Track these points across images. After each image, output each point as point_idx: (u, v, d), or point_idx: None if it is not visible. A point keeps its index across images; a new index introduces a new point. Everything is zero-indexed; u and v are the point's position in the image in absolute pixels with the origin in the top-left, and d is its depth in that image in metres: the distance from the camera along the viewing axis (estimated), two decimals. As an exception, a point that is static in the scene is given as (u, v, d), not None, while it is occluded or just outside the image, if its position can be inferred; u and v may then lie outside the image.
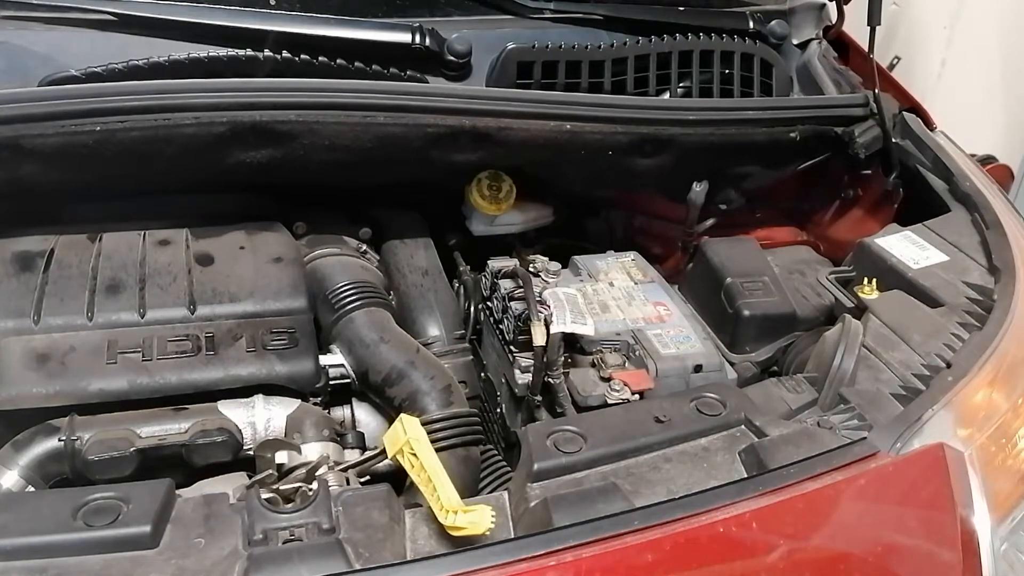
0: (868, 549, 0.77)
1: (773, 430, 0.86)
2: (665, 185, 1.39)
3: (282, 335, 0.98)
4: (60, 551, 0.65)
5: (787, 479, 0.77)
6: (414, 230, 1.30)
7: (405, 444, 0.75)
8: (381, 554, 0.68)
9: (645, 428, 0.85)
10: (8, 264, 0.99)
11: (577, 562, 0.66)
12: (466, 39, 1.18)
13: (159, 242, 1.08)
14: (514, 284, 1.19)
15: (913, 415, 0.87)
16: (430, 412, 0.94)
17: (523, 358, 1.12)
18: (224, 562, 0.66)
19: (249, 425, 0.91)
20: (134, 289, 0.99)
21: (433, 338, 1.14)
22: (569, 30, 1.30)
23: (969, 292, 1.06)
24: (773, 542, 0.74)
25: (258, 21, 1.11)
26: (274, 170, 1.08)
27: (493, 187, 1.27)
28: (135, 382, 0.90)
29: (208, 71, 1.04)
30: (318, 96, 1.03)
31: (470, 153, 1.14)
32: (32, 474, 0.83)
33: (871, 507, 0.80)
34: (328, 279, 1.11)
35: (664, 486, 0.79)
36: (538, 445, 0.81)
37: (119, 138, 0.96)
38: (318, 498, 0.72)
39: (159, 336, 0.95)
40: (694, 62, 1.29)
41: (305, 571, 0.64)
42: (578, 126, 1.14)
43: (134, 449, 0.84)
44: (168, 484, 0.72)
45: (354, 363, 1.01)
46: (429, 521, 0.73)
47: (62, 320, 0.94)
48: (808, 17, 1.47)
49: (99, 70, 1.02)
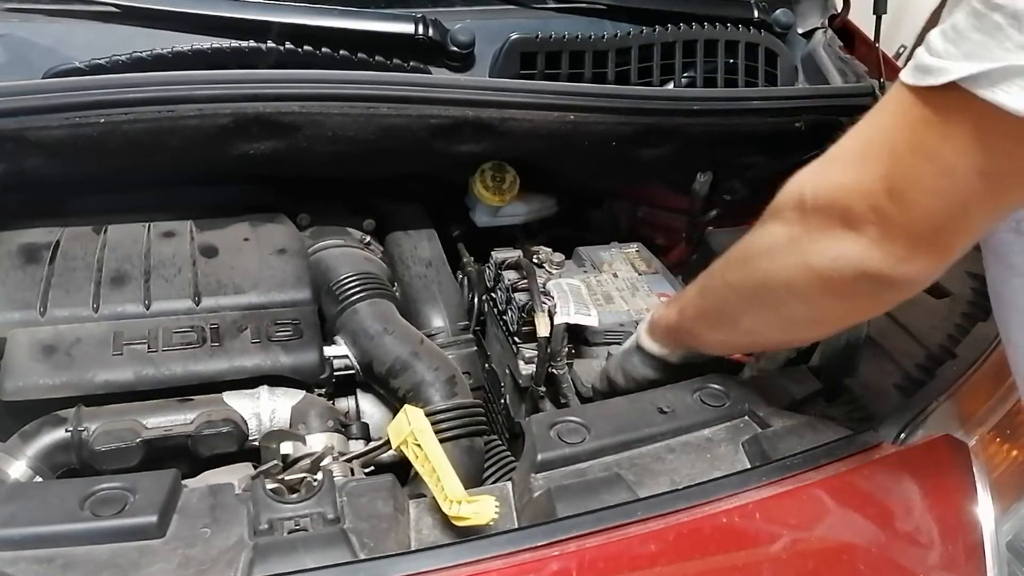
0: (871, 540, 0.77)
1: (777, 421, 0.86)
2: (669, 176, 1.39)
3: (286, 326, 0.99)
4: (67, 541, 0.66)
5: (791, 470, 0.77)
6: (418, 221, 1.30)
7: (409, 435, 0.75)
8: (385, 544, 0.68)
9: (649, 419, 0.85)
10: (14, 256, 1.00)
11: (580, 552, 0.66)
12: (469, 30, 1.18)
13: (164, 234, 1.08)
14: (518, 275, 1.19)
15: (917, 406, 0.87)
16: (434, 403, 0.94)
17: (527, 349, 1.12)
18: (230, 552, 0.67)
19: (254, 416, 0.92)
20: (139, 281, 0.99)
21: (437, 329, 1.14)
22: (572, 20, 1.29)
23: (974, 282, 1.06)
24: (777, 533, 0.74)
25: (261, 12, 1.10)
26: (278, 162, 1.08)
27: (497, 178, 1.27)
28: (141, 373, 0.90)
29: (211, 63, 1.04)
30: (321, 87, 1.02)
31: (473, 144, 1.13)
32: (39, 464, 0.84)
33: (875, 498, 0.80)
34: (332, 270, 1.11)
35: (668, 477, 0.79)
36: (542, 436, 0.81)
37: (123, 130, 0.96)
38: (323, 488, 0.73)
39: (164, 327, 0.95)
40: (698, 52, 1.28)
41: (310, 561, 0.64)
42: (582, 117, 1.13)
43: (140, 440, 0.84)
44: (174, 474, 0.73)
45: (358, 354, 1.02)
46: (433, 511, 0.74)
47: (68, 312, 0.94)
48: (813, 6, 1.46)
49: (103, 62, 1.01)
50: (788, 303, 0.73)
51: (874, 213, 0.62)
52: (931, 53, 0.58)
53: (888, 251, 0.62)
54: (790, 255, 0.70)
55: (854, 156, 0.65)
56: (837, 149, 0.67)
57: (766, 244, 0.73)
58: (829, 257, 0.66)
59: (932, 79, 0.57)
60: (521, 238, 1.37)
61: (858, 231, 0.63)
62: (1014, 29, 0.52)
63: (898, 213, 0.61)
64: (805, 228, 0.68)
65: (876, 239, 0.62)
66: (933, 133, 0.59)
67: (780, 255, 0.71)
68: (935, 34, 0.58)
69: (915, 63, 0.60)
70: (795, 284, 0.71)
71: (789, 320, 0.77)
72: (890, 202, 0.61)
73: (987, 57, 0.53)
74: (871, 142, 0.64)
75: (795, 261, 0.69)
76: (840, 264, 0.65)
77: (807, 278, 0.69)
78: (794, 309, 0.74)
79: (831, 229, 0.65)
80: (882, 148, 0.62)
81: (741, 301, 0.80)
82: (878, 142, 0.63)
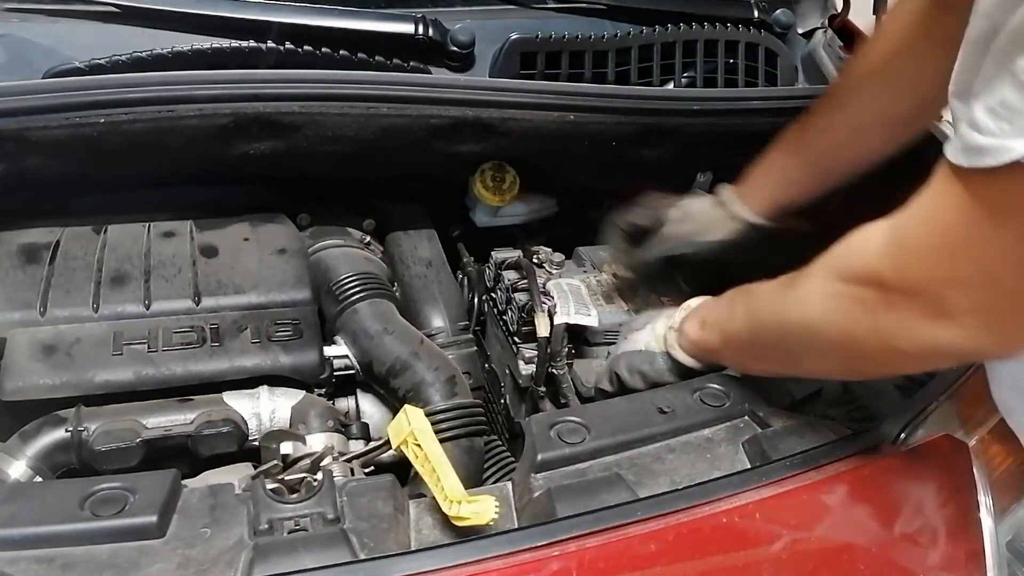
0: (871, 540, 0.77)
1: (777, 421, 0.86)
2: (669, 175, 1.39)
3: (287, 326, 0.99)
4: (67, 541, 0.66)
5: (791, 470, 0.77)
6: (417, 221, 1.30)
7: (409, 435, 0.75)
8: (385, 544, 0.68)
9: (649, 419, 0.85)
10: (14, 256, 1.00)
11: (580, 552, 0.66)
12: (469, 29, 1.18)
13: (164, 234, 1.08)
14: (518, 275, 1.19)
15: (917, 406, 0.87)
16: (434, 403, 0.94)
17: (527, 349, 1.12)
18: (230, 552, 0.67)
19: (254, 416, 0.92)
20: (139, 281, 0.99)
21: (437, 329, 1.14)
22: (572, 20, 1.29)
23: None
24: (777, 533, 0.74)
25: (261, 12, 1.10)
26: (278, 161, 1.08)
27: (496, 178, 1.27)
28: (141, 373, 0.90)
29: (211, 63, 1.04)
30: (321, 87, 1.02)
31: (473, 144, 1.14)
32: (39, 464, 0.84)
33: (875, 498, 0.80)
34: (332, 270, 1.11)
35: (667, 477, 0.79)
36: (541, 436, 0.81)
37: (123, 130, 0.96)
38: (323, 488, 0.73)
39: (164, 327, 0.95)
40: (698, 52, 1.28)
41: (310, 561, 0.64)
42: (581, 117, 1.13)
43: (140, 440, 0.84)
44: (174, 474, 0.73)
45: (358, 354, 1.02)
46: (433, 511, 0.74)
47: (68, 312, 0.94)
48: (813, 6, 1.46)
49: (103, 62, 1.02)
50: (861, 365, 0.74)
51: (967, 303, 0.61)
52: (982, 132, 0.56)
53: (987, 334, 0.62)
54: (871, 334, 0.68)
55: (934, 247, 0.63)
56: (915, 233, 0.64)
57: (834, 316, 0.71)
58: (921, 342, 0.65)
59: (991, 160, 0.55)
60: (521, 238, 1.37)
61: (952, 319, 0.62)
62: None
63: (991, 302, 0.61)
64: (890, 310, 0.66)
65: (973, 326, 0.62)
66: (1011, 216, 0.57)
67: (856, 329, 0.69)
68: (981, 111, 0.57)
69: (964, 144, 0.58)
70: (875, 358, 0.70)
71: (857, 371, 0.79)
72: (984, 293, 0.60)
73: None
74: (948, 231, 0.62)
75: (877, 341, 0.68)
76: (932, 348, 0.65)
77: (892, 356, 0.68)
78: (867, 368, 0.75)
79: (921, 318, 0.64)
80: (965, 239, 0.61)
81: (803, 352, 0.79)
82: (955, 232, 0.61)
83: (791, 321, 0.76)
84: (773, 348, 0.82)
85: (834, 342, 0.72)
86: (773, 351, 0.83)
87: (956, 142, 0.59)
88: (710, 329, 0.89)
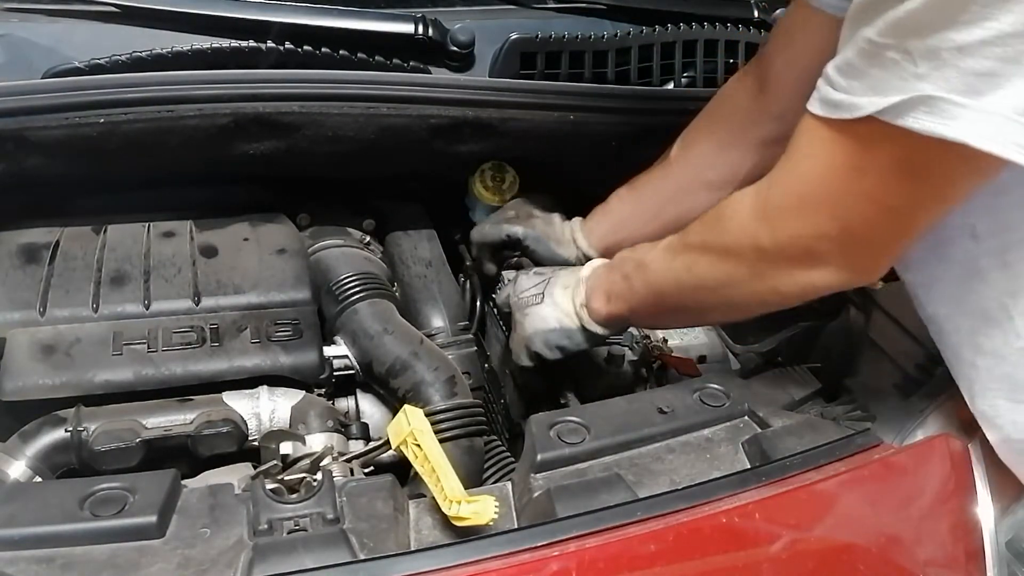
0: (871, 540, 0.77)
1: (776, 421, 0.86)
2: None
3: (286, 326, 0.99)
4: (67, 541, 0.66)
5: (790, 470, 0.77)
6: (417, 222, 1.30)
7: (409, 435, 0.75)
8: (385, 544, 0.68)
9: (648, 419, 0.85)
10: (14, 256, 1.00)
11: (580, 552, 0.66)
12: (469, 29, 1.18)
13: (163, 234, 1.08)
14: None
15: (917, 406, 0.87)
16: (434, 403, 0.94)
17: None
18: (229, 552, 0.67)
19: (254, 416, 0.92)
20: (139, 281, 0.99)
21: (437, 329, 1.14)
22: (572, 20, 1.29)
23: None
24: (776, 533, 0.74)
25: (261, 12, 1.10)
26: (277, 161, 1.08)
27: (496, 178, 1.27)
28: (141, 373, 0.90)
29: (211, 63, 1.04)
30: (321, 87, 1.02)
31: (473, 144, 1.14)
32: (39, 464, 0.83)
33: (874, 498, 0.80)
34: (332, 270, 1.11)
35: (667, 477, 0.79)
36: (541, 436, 0.81)
37: (123, 130, 0.96)
38: (322, 488, 0.72)
39: (164, 328, 0.95)
40: (698, 51, 1.28)
41: (310, 561, 0.64)
42: (582, 116, 1.13)
43: (140, 440, 0.84)
44: (174, 474, 0.73)
45: (358, 354, 1.02)
46: (433, 511, 0.74)
47: (68, 312, 0.94)
48: (813, 6, 1.46)
49: (103, 62, 1.02)
50: (757, 309, 0.85)
51: (833, 249, 0.71)
52: (835, 88, 0.64)
53: (852, 271, 0.73)
54: (757, 284, 0.79)
55: (800, 206, 0.72)
56: (779, 196, 0.74)
57: (723, 278, 0.81)
58: (800, 285, 0.76)
59: (845, 113, 0.63)
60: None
61: (823, 264, 0.73)
62: (908, 63, 0.58)
63: (853, 243, 0.70)
64: (770, 266, 0.76)
65: (840, 266, 0.72)
66: (864, 167, 0.65)
67: (746, 286, 0.80)
68: (832, 69, 0.65)
69: (821, 97, 0.66)
70: (766, 301, 0.81)
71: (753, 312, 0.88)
72: (845, 237, 0.70)
73: (891, 90, 0.59)
74: (810, 187, 0.71)
75: (763, 287, 0.78)
76: (810, 288, 0.76)
77: (778, 299, 0.80)
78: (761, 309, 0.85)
79: (797, 268, 0.75)
80: (823, 193, 0.70)
81: (705, 310, 0.90)
82: (816, 187, 0.70)
83: (686, 287, 0.86)
84: (678, 310, 0.93)
85: (730, 298, 0.83)
86: (679, 312, 0.94)
87: (816, 95, 0.67)
88: (616, 302, 0.95)
